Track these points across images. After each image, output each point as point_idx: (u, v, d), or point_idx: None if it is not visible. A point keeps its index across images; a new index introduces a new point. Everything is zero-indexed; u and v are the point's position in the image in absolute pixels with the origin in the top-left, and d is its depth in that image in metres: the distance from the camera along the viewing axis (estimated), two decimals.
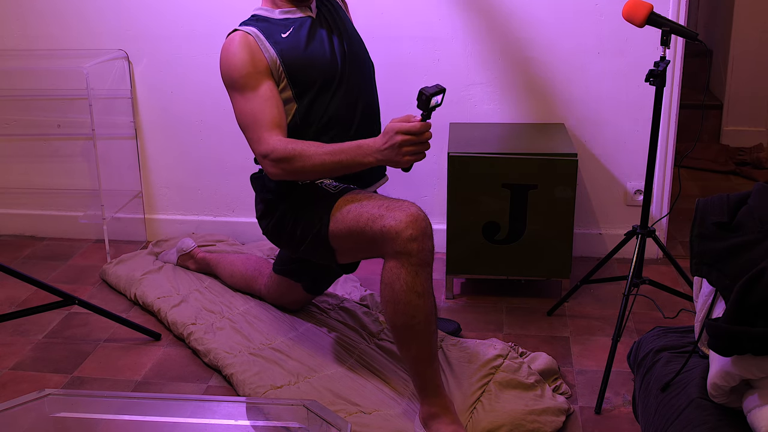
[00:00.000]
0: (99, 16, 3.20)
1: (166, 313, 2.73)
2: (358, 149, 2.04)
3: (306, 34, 2.27)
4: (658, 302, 2.75)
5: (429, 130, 1.97)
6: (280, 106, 2.20)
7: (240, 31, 2.23)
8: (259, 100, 2.17)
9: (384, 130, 2.00)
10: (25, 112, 3.37)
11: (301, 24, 2.28)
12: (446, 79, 3.05)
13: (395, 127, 1.95)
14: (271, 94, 2.18)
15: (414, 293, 2.01)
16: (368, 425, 2.13)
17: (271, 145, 2.12)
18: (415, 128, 1.94)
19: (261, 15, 2.31)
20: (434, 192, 3.22)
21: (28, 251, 3.38)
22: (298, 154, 2.09)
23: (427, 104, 1.94)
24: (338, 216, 2.14)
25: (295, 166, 2.10)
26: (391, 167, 2.07)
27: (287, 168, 2.11)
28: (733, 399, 1.55)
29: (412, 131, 1.94)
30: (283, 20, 2.28)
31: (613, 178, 3.13)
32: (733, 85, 4.42)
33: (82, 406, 1.92)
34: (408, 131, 1.94)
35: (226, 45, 2.22)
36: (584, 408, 2.27)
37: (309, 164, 2.08)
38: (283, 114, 2.20)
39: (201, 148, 3.31)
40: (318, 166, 2.08)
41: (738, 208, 1.63)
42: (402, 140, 1.94)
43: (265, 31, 2.23)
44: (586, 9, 2.95)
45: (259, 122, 2.15)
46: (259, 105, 2.16)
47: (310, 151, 2.09)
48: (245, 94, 2.18)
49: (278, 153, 2.11)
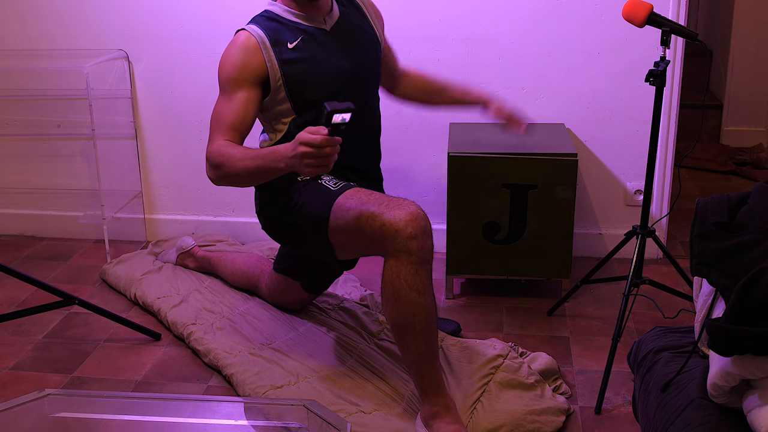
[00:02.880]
0: (99, 16, 3.20)
1: (166, 313, 2.73)
2: (272, 155, 2.02)
3: (313, 48, 2.24)
4: (658, 302, 2.75)
5: (332, 146, 1.89)
6: (248, 114, 2.18)
7: (246, 32, 2.22)
8: (230, 104, 2.18)
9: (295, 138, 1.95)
10: (25, 112, 3.37)
11: (311, 36, 2.25)
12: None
13: (300, 138, 1.91)
14: (243, 102, 2.18)
15: (414, 291, 2.01)
16: (368, 425, 2.13)
17: (211, 148, 2.14)
18: (315, 141, 1.88)
19: (273, 13, 2.27)
20: (434, 192, 3.22)
21: (28, 251, 3.38)
22: (227, 159, 2.09)
23: (329, 120, 1.87)
24: (338, 213, 2.14)
25: (224, 171, 2.10)
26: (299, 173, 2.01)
27: (219, 173, 2.12)
28: (733, 399, 1.55)
29: (313, 143, 1.88)
30: (294, 23, 2.25)
31: (613, 178, 3.13)
32: (733, 85, 4.42)
33: (82, 406, 1.92)
34: (309, 143, 1.89)
35: (230, 44, 2.22)
36: (584, 408, 2.27)
37: (234, 169, 2.08)
38: (246, 122, 2.18)
39: (201, 148, 3.30)
40: (242, 171, 2.07)
41: (738, 208, 1.63)
42: (303, 152, 1.89)
43: (273, 35, 2.21)
44: (586, 9, 2.95)
45: (218, 124, 2.17)
46: (227, 108, 2.18)
47: (236, 156, 2.08)
48: (223, 95, 2.21)
49: (213, 158, 2.12)
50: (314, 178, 2.26)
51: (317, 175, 1.98)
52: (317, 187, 2.24)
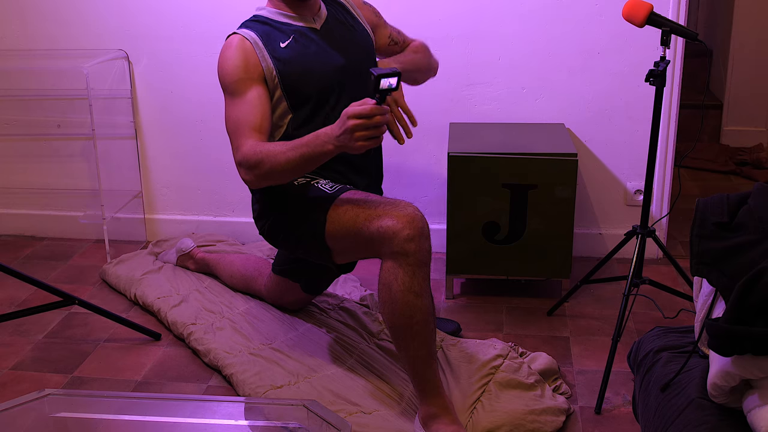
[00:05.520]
0: (99, 16, 3.20)
1: (166, 313, 2.73)
2: (316, 139, 1.99)
3: (305, 46, 2.24)
4: (658, 302, 2.75)
5: (383, 114, 1.88)
6: (266, 111, 2.16)
7: (239, 35, 2.22)
8: (245, 106, 2.15)
9: (341, 114, 1.94)
10: (25, 112, 3.37)
11: (302, 34, 2.25)
12: (446, 79, 3.05)
13: (347, 111, 1.89)
14: (258, 100, 2.16)
15: (412, 293, 2.01)
16: (368, 425, 2.13)
17: (242, 152, 2.09)
18: (365, 111, 1.86)
19: (263, 17, 2.28)
20: (434, 192, 3.22)
21: (28, 251, 3.38)
22: (265, 155, 2.05)
23: (376, 86, 1.85)
24: (335, 216, 2.14)
25: (264, 169, 2.06)
26: (349, 153, 1.99)
27: (258, 173, 2.07)
28: (733, 399, 1.55)
29: (363, 114, 1.87)
30: (284, 25, 2.26)
31: (613, 178, 3.13)
32: (733, 85, 4.42)
33: (82, 406, 1.92)
34: (359, 114, 1.87)
35: (224, 48, 2.22)
36: (584, 408, 2.27)
37: (276, 164, 2.04)
38: (267, 119, 2.16)
39: (201, 148, 3.31)
40: (285, 164, 2.03)
41: (738, 208, 1.63)
42: (354, 125, 1.88)
43: (265, 37, 2.21)
44: (586, 9, 2.95)
45: (240, 128, 2.13)
46: (243, 111, 2.14)
47: (276, 150, 2.04)
48: (234, 99, 2.17)
49: (248, 159, 2.07)
50: (310, 180, 2.26)
51: (370, 148, 1.94)
52: (314, 190, 2.23)
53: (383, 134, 1.92)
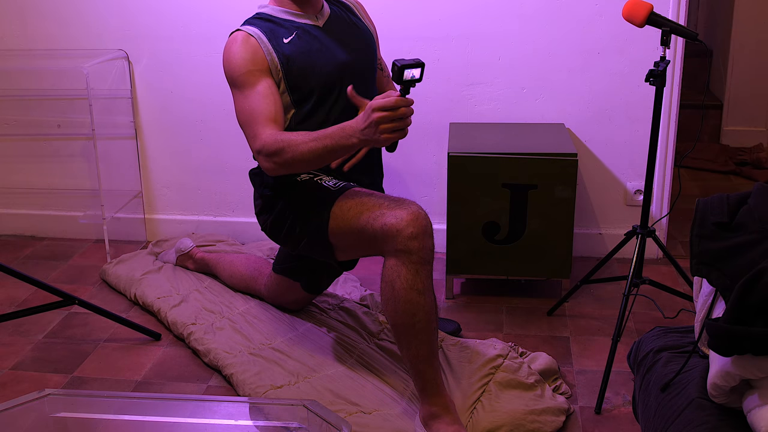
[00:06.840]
0: (99, 16, 3.20)
1: (166, 313, 2.73)
2: (341, 131, 1.98)
3: (308, 42, 2.24)
4: (658, 302, 2.75)
5: (407, 106, 1.88)
6: (278, 102, 2.17)
7: (243, 31, 2.22)
8: (257, 96, 2.15)
9: (365, 107, 1.94)
10: (25, 112, 3.37)
11: (306, 31, 2.26)
12: (446, 79, 3.05)
13: (372, 104, 1.89)
14: (269, 90, 2.16)
15: (414, 291, 2.01)
16: (368, 425, 2.13)
17: (262, 140, 2.08)
18: (390, 103, 1.86)
19: (265, 14, 2.29)
20: (434, 192, 3.22)
21: (28, 251, 3.38)
22: (287, 144, 2.04)
23: (399, 77, 1.84)
24: (338, 213, 2.14)
25: (285, 157, 2.05)
26: (375, 147, 1.99)
27: (279, 161, 2.06)
28: (733, 399, 1.55)
29: (387, 106, 1.86)
30: (287, 21, 2.26)
31: (613, 178, 3.13)
32: (733, 85, 4.42)
33: (82, 406, 1.92)
34: (383, 107, 1.86)
35: (228, 44, 2.22)
36: (584, 408, 2.27)
37: (298, 153, 2.03)
38: (280, 110, 2.16)
39: (201, 148, 3.31)
40: (307, 154, 2.02)
41: (738, 208, 1.63)
42: (379, 117, 1.87)
43: (269, 33, 2.22)
44: (586, 9, 2.95)
45: (255, 118, 2.13)
46: (257, 101, 2.14)
47: (298, 140, 2.04)
48: (244, 91, 2.17)
49: (269, 147, 2.07)
50: (314, 177, 2.26)
51: (395, 140, 1.93)
52: (317, 187, 2.24)
53: (408, 126, 1.91)
